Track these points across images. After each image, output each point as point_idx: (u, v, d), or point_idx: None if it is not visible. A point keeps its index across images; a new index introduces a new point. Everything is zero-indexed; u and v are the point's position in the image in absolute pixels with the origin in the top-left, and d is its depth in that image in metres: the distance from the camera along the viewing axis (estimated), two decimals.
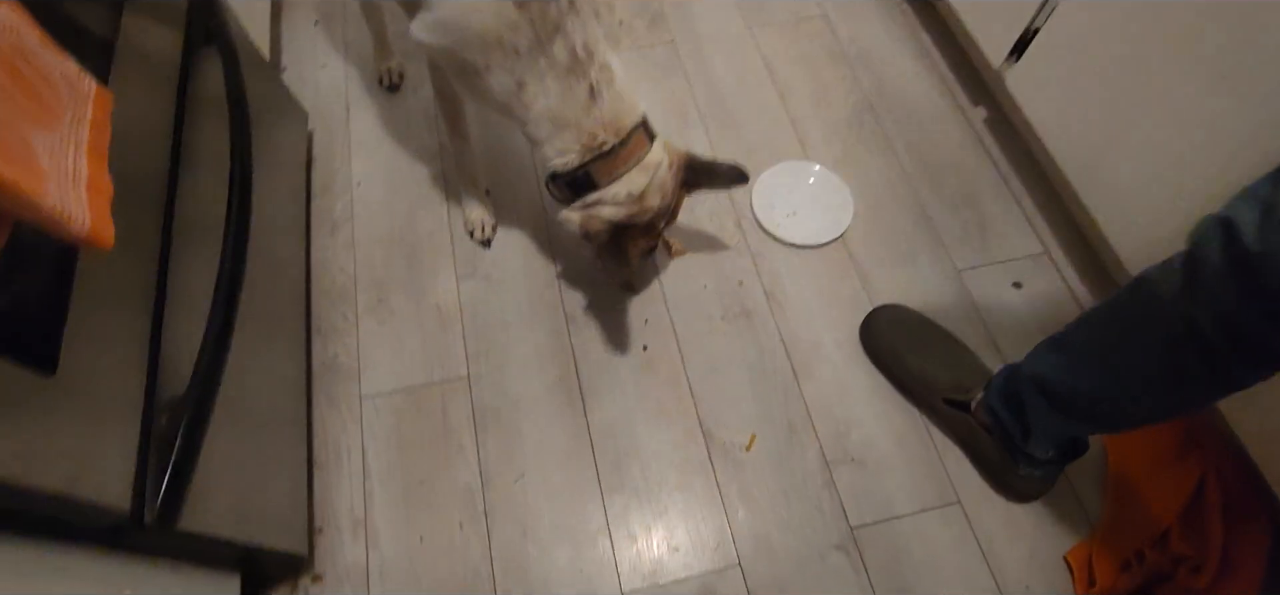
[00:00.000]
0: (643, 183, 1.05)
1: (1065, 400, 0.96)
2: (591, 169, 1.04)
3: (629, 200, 1.05)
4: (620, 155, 1.04)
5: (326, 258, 1.39)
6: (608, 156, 1.03)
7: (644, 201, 1.06)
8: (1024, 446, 1.06)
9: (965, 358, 1.22)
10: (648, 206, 1.07)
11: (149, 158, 0.90)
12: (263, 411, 1.05)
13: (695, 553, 1.13)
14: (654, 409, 1.24)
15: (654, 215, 1.09)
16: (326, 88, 1.63)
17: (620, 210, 1.05)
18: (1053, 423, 1.01)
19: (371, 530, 1.14)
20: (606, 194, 1.05)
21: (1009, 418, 1.06)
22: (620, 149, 1.04)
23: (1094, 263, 1.38)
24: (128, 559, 0.77)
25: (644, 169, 1.06)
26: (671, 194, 1.11)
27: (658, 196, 1.07)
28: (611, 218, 1.05)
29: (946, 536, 1.14)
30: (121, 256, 0.80)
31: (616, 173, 1.04)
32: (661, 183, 1.08)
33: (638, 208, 1.06)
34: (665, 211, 1.11)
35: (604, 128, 1.02)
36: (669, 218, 1.15)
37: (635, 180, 1.05)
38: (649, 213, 1.08)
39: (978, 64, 1.62)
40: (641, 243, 1.12)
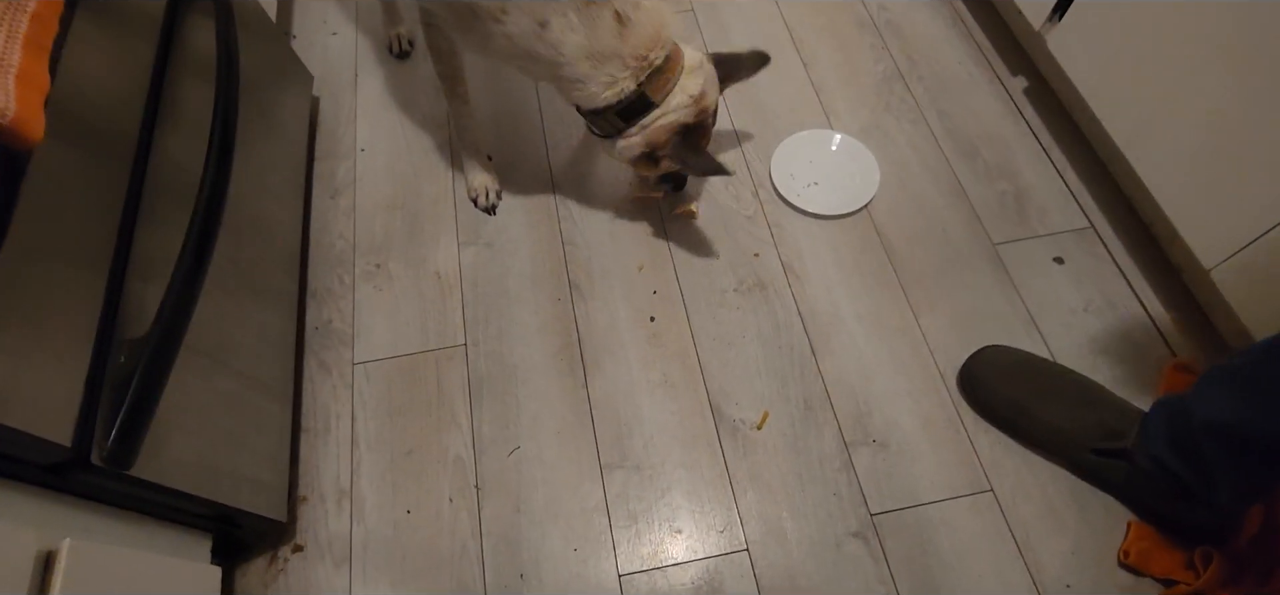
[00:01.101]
0: (699, 82, 1.07)
1: (1266, 448, 0.82)
2: (647, 89, 1.04)
3: (692, 102, 1.07)
4: (669, 69, 1.05)
5: (326, 222, 1.35)
6: (660, 72, 1.04)
7: (704, 100, 1.08)
8: (1209, 497, 0.91)
9: (1102, 396, 1.06)
10: (707, 103, 1.09)
11: (126, 98, 0.86)
12: (247, 370, 1.00)
13: (699, 536, 1.04)
14: (659, 382, 1.16)
15: (711, 110, 1.11)
16: (336, 54, 1.59)
17: (686, 112, 1.07)
18: (1245, 474, 0.87)
19: (357, 500, 1.08)
20: (668, 105, 1.06)
21: (1183, 468, 0.91)
22: (669, 62, 1.04)
23: (1144, 237, 1.27)
24: (74, 504, 0.71)
25: (692, 71, 1.07)
26: (716, 89, 1.12)
27: (713, 92, 1.10)
28: (678, 122, 1.07)
29: (977, 527, 1.04)
30: (86, 185, 0.76)
31: (670, 84, 1.05)
32: (711, 75, 1.10)
33: (699, 107, 1.08)
34: (715, 108, 1.14)
35: (649, 45, 1.02)
36: (714, 117, 1.16)
37: (690, 83, 1.06)
38: (709, 109, 1.10)
39: (1016, 29, 1.52)
40: (702, 142, 1.15)
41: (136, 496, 0.78)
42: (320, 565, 1.03)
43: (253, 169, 1.13)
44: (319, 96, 1.52)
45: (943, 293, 1.23)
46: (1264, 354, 0.81)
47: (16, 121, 0.54)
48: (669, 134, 1.08)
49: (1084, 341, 1.18)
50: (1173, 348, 1.17)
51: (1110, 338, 1.19)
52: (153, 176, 0.86)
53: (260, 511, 0.94)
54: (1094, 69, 1.23)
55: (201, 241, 0.83)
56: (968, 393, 1.13)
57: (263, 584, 1.01)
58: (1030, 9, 1.35)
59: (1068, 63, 1.28)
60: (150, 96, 0.90)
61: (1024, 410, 1.07)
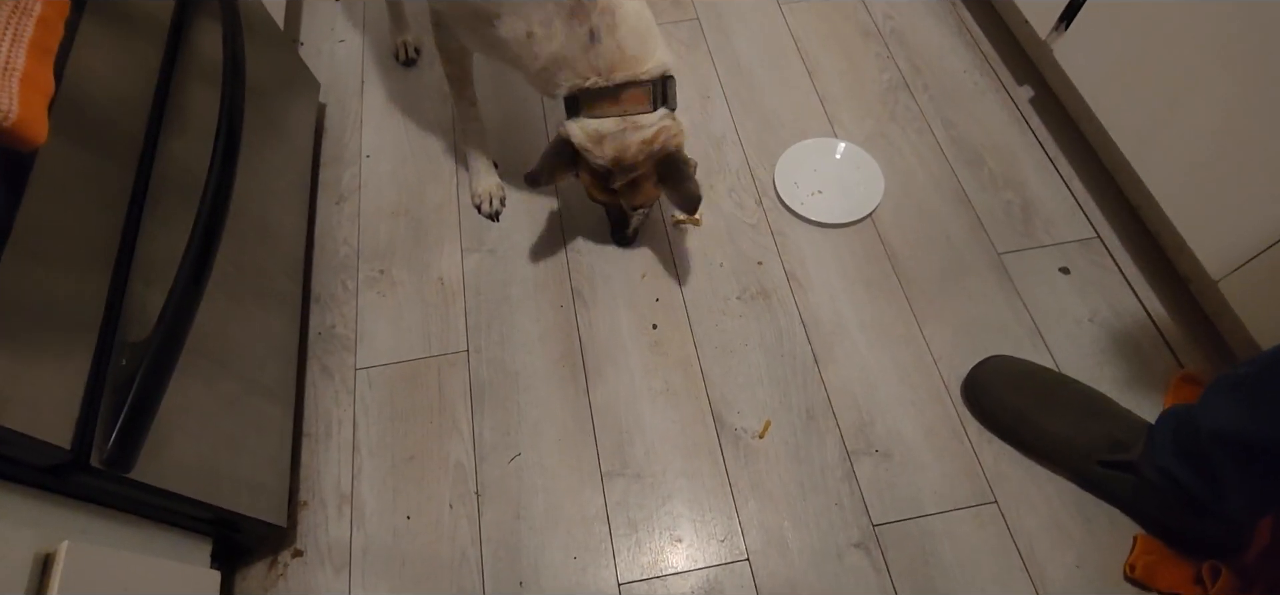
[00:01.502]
0: (607, 129, 1.04)
1: (1276, 458, 0.80)
2: (579, 97, 1.05)
3: (592, 136, 1.05)
4: (606, 100, 1.03)
5: (330, 227, 1.35)
6: (594, 94, 1.04)
7: (599, 146, 1.05)
8: (1218, 508, 0.90)
9: (1108, 407, 1.05)
10: (599, 153, 1.06)
11: (132, 101, 0.86)
12: (249, 375, 1.00)
13: (700, 545, 1.04)
14: (661, 389, 1.16)
15: (605, 167, 1.07)
16: (343, 61, 1.60)
17: (582, 137, 1.06)
18: (1255, 485, 0.85)
19: (357, 506, 1.07)
20: (586, 122, 1.05)
21: (1191, 479, 0.90)
22: (607, 94, 1.03)
23: (1151, 248, 1.26)
24: (73, 506, 0.71)
25: (620, 121, 1.04)
26: (632, 164, 1.06)
27: (612, 152, 1.05)
28: (573, 135, 1.06)
29: (980, 539, 1.03)
30: (91, 187, 0.76)
31: (597, 110, 1.04)
32: (622, 145, 1.05)
33: (592, 147, 1.06)
34: (619, 173, 1.08)
35: (595, 71, 1.02)
36: (626, 190, 1.11)
37: (606, 125, 1.04)
38: (599, 159, 1.06)
39: (1021, 38, 1.52)
40: (587, 178, 1.12)
41: (136, 499, 0.78)
42: (320, 570, 1.03)
43: (258, 174, 1.14)
44: (325, 103, 1.53)
45: (947, 302, 1.22)
46: (1272, 362, 0.80)
47: (19, 124, 0.55)
48: (565, 139, 1.07)
49: (1090, 352, 1.17)
50: (1180, 358, 1.16)
51: (1116, 348, 1.18)
52: (157, 179, 0.87)
53: (260, 516, 0.94)
54: (1100, 78, 1.23)
55: (205, 245, 0.83)
56: (972, 403, 1.12)
57: (262, 588, 1.01)
58: (1036, 18, 1.35)
59: (1074, 71, 1.27)
60: (156, 100, 0.91)
61: (1029, 421, 1.06)
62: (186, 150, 0.94)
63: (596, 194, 1.14)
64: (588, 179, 1.12)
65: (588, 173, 1.10)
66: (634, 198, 1.13)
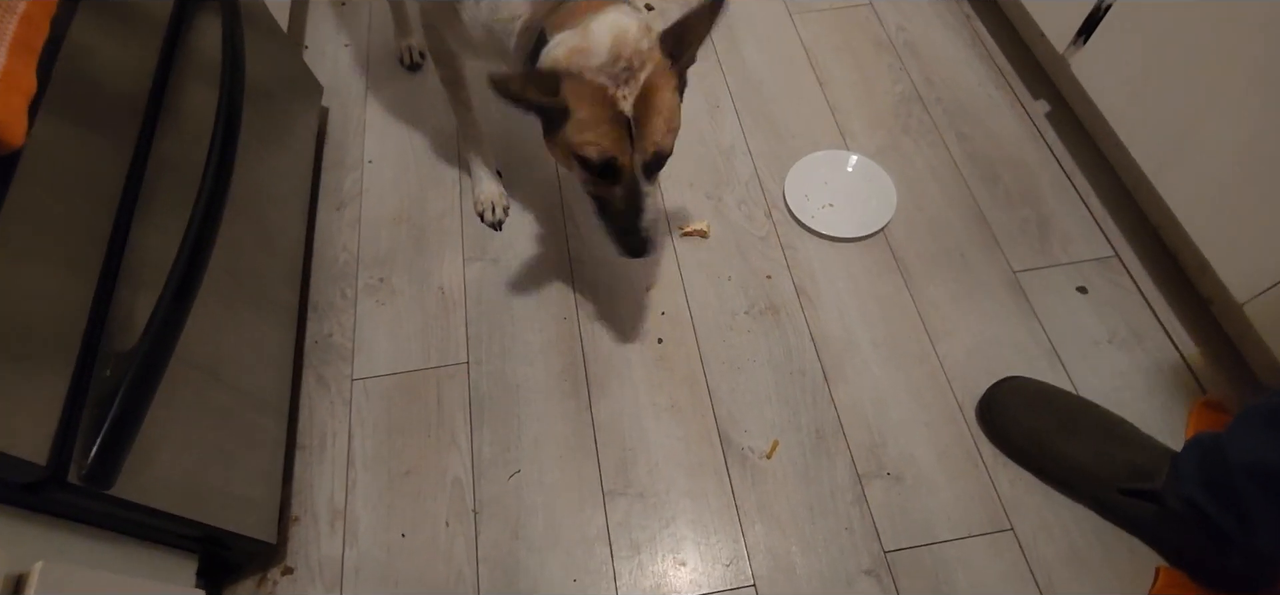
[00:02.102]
0: (601, 24, 0.86)
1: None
2: (545, 25, 0.90)
3: (567, 44, 0.87)
4: (580, 6, 0.89)
5: (330, 234, 1.32)
6: (563, 6, 0.89)
7: (587, 38, 0.86)
8: (1246, 543, 0.86)
9: (1130, 433, 1.01)
10: (591, 47, 0.85)
11: (126, 99, 0.84)
12: (241, 385, 0.97)
13: (704, 569, 1.00)
14: (666, 406, 1.12)
15: (603, 67, 0.85)
16: (347, 66, 1.58)
17: (561, 50, 0.87)
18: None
19: (350, 522, 1.04)
20: (554, 41, 0.88)
21: (1218, 511, 0.86)
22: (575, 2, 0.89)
23: (1171, 267, 1.22)
24: (49, 524, 0.68)
25: (606, 17, 0.87)
26: (636, 56, 0.86)
27: (608, 38, 0.86)
28: (548, 60, 0.87)
29: (996, 568, 0.99)
30: (78, 188, 0.73)
31: (570, 23, 0.88)
32: (619, 28, 0.86)
33: (579, 43, 0.86)
34: (625, 75, 0.86)
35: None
36: (641, 113, 0.87)
37: (585, 21, 0.87)
38: (593, 56, 0.85)
39: (1039, 53, 1.49)
40: (586, 115, 0.87)
41: (117, 516, 0.75)
42: (310, 589, 0.99)
43: (256, 178, 1.11)
44: (329, 107, 1.50)
45: (961, 320, 1.19)
46: None
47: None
48: (548, 65, 0.88)
49: (1108, 374, 1.14)
50: (1202, 383, 1.12)
51: (1135, 371, 1.14)
52: (150, 181, 0.84)
53: (249, 533, 0.91)
54: (1120, 93, 1.19)
55: (197, 250, 0.80)
56: (987, 425, 1.08)
57: None
58: (1054, 31, 1.31)
59: (1092, 87, 1.24)
60: (152, 99, 0.88)
61: (1047, 445, 1.02)
62: (182, 151, 0.91)
63: (606, 145, 0.88)
64: (587, 115, 0.86)
65: (583, 103, 0.86)
66: (653, 118, 0.88)
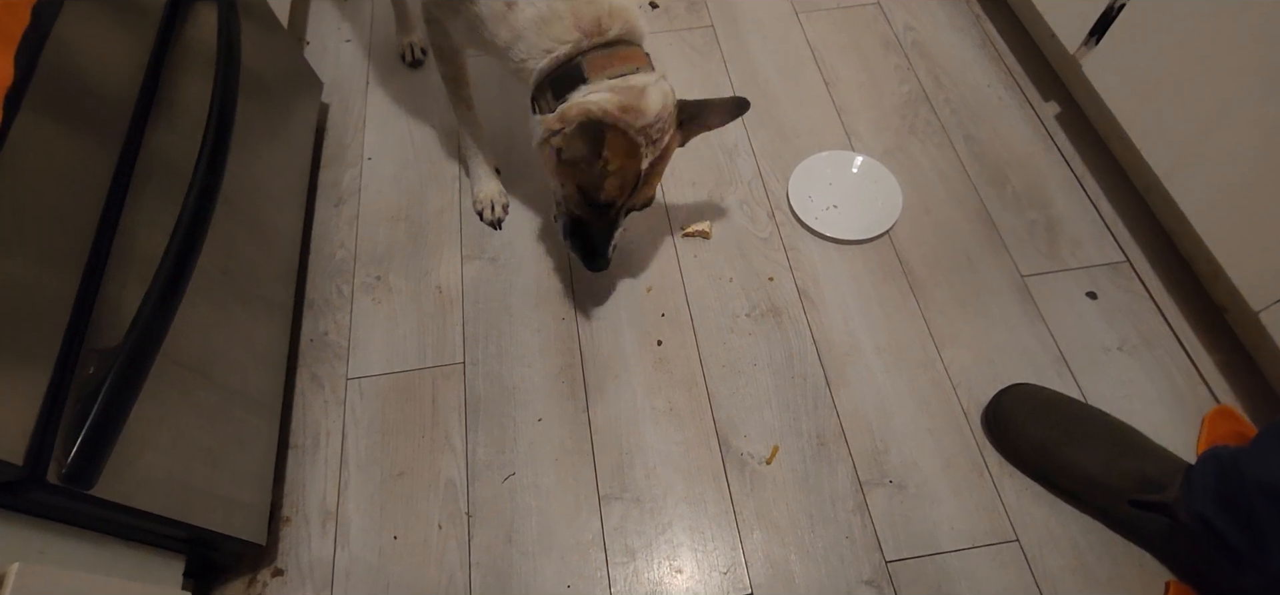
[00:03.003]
0: (645, 80, 0.90)
1: None
2: (585, 60, 0.91)
3: (626, 91, 0.89)
4: (620, 53, 0.92)
5: (327, 230, 1.31)
6: (606, 49, 0.91)
7: (643, 100, 0.89)
8: (1260, 564, 0.82)
9: (1141, 443, 0.98)
10: (645, 108, 0.89)
11: (117, 89, 0.82)
12: (231, 384, 0.95)
13: (701, 576, 0.98)
14: (664, 409, 1.10)
15: (645, 127, 0.90)
16: (348, 61, 1.56)
17: (614, 98, 0.88)
18: None
19: (342, 523, 1.02)
20: (599, 85, 0.90)
21: (1232, 529, 0.83)
22: (621, 47, 0.92)
23: (1184, 273, 1.20)
24: (28, 524, 0.67)
25: (646, 73, 0.92)
26: (669, 119, 0.93)
27: (658, 102, 0.90)
28: (603, 105, 0.87)
29: (1001, 580, 0.97)
30: (64, 178, 0.72)
31: (611, 69, 0.90)
32: (664, 93, 0.92)
33: (634, 103, 0.89)
34: (656, 137, 0.92)
35: (608, 15, 0.90)
36: (650, 170, 0.95)
37: (636, 79, 0.90)
38: (644, 117, 0.89)
39: (1049, 54, 1.46)
40: (614, 165, 0.91)
41: (99, 517, 0.73)
42: (300, 591, 0.98)
43: (252, 172, 1.10)
44: (329, 103, 1.49)
45: (967, 326, 1.16)
46: None
47: None
48: (582, 113, 0.87)
49: (1117, 382, 1.11)
50: (1215, 393, 1.09)
51: (1146, 380, 1.11)
52: (140, 173, 0.82)
53: (237, 534, 0.90)
54: (1132, 95, 1.17)
55: (186, 245, 0.79)
56: (994, 433, 1.06)
57: None
58: (1065, 32, 1.29)
59: (1104, 88, 1.21)
60: (144, 89, 0.86)
61: (1054, 455, 1.00)
62: (175, 145, 0.89)
63: (612, 192, 0.95)
64: (615, 166, 0.92)
65: (617, 156, 0.91)
66: (654, 179, 0.98)
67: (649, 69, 0.94)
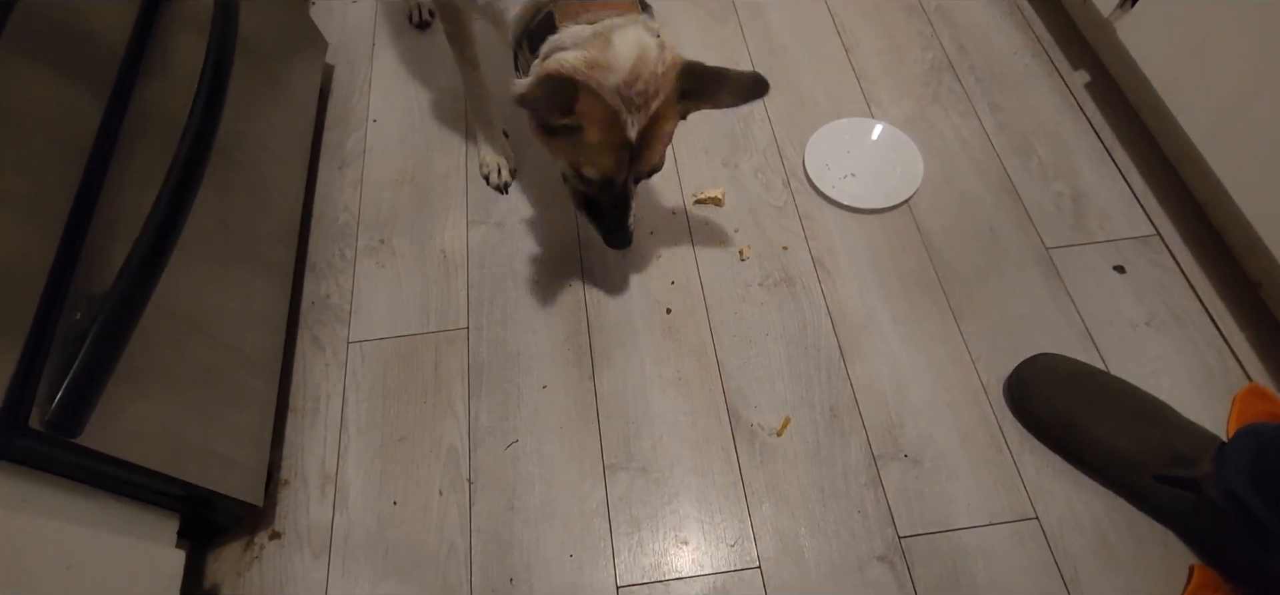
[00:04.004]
0: (612, 25, 0.79)
1: None
2: (556, 8, 0.81)
3: (592, 41, 0.79)
4: (598, 3, 0.81)
5: (330, 193, 1.28)
6: None
7: (608, 51, 0.79)
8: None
9: (1170, 417, 0.94)
10: (612, 63, 0.79)
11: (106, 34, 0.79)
12: (230, 341, 0.93)
13: (707, 548, 0.95)
14: (673, 379, 1.07)
15: (620, 87, 0.79)
16: (355, 23, 1.53)
17: (580, 56, 0.79)
18: None
19: (341, 487, 1.00)
20: (566, 35, 0.81)
21: (1265, 509, 0.79)
22: None
23: (1216, 247, 1.15)
24: (11, 471, 0.64)
25: (624, 25, 0.81)
26: (652, 81, 0.81)
27: (631, 55, 0.79)
28: (566, 64, 0.78)
29: (1019, 558, 0.93)
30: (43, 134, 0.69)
31: (584, 16, 0.81)
32: (640, 45, 0.80)
33: (599, 56, 0.79)
34: (638, 101, 0.81)
35: None
36: (644, 139, 0.84)
37: (602, 25, 0.80)
38: (613, 72, 0.79)
39: (1080, 20, 1.40)
40: (593, 135, 0.82)
41: (87, 468, 0.71)
42: (298, 555, 0.96)
43: (252, 130, 1.07)
44: (334, 64, 1.46)
45: (988, 298, 1.12)
46: None
47: None
48: (555, 69, 0.79)
49: (1145, 358, 1.06)
50: (1248, 370, 1.05)
51: (1175, 355, 1.07)
52: (133, 127, 0.80)
53: (233, 494, 0.88)
54: (1170, 60, 1.11)
55: (179, 191, 0.76)
56: (1016, 403, 1.02)
57: (236, 571, 0.94)
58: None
59: (1140, 53, 1.16)
60: (136, 39, 0.84)
61: (1079, 427, 0.95)
62: (172, 99, 0.86)
63: (603, 165, 0.86)
64: (594, 136, 0.82)
65: (592, 121, 0.81)
66: (654, 144, 0.86)
67: (633, 15, 0.82)
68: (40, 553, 0.63)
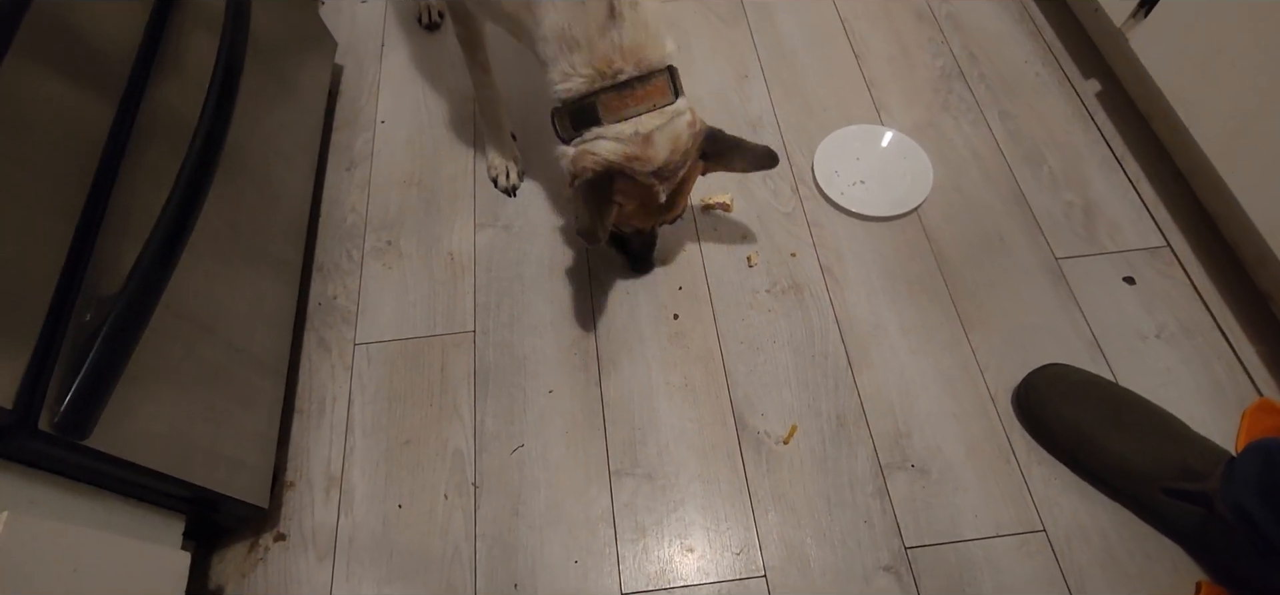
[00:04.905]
0: (653, 124, 0.88)
1: None
2: (599, 100, 0.87)
3: (632, 139, 0.88)
4: (636, 93, 0.87)
5: (338, 194, 1.28)
6: (619, 90, 0.87)
7: (649, 148, 0.88)
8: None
9: (1181, 431, 0.93)
10: (651, 156, 0.89)
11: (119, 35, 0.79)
12: (237, 342, 0.93)
13: (713, 556, 0.95)
14: (679, 385, 1.07)
15: (656, 172, 0.90)
16: (364, 23, 1.53)
17: (619, 148, 0.88)
18: None
19: (346, 490, 1.00)
20: (608, 130, 0.88)
21: (1273, 525, 0.78)
22: (637, 85, 0.87)
23: (1228, 260, 1.14)
24: (19, 473, 0.65)
25: (660, 113, 0.88)
26: (683, 157, 0.91)
27: (667, 148, 0.89)
28: (607, 156, 0.88)
29: (1025, 570, 0.93)
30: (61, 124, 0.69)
31: (626, 111, 0.87)
32: (675, 135, 0.89)
33: (639, 152, 0.88)
34: (670, 175, 0.91)
35: (621, 55, 0.86)
36: (672, 198, 0.94)
37: (646, 121, 0.88)
38: (651, 164, 0.89)
39: (1091, 29, 1.39)
40: (630, 207, 0.94)
41: (95, 470, 0.71)
42: (303, 556, 0.96)
43: (261, 131, 1.07)
44: (343, 64, 1.46)
45: (997, 308, 1.12)
46: None
47: None
48: (594, 164, 0.89)
49: (1154, 371, 1.06)
50: (1258, 385, 1.04)
51: (1185, 369, 1.06)
52: (145, 127, 0.80)
53: (238, 496, 0.88)
54: (1183, 70, 1.10)
55: (190, 192, 0.76)
56: (1024, 413, 1.01)
57: (240, 572, 0.94)
58: (1112, 4, 1.22)
59: (1152, 63, 1.15)
60: (148, 40, 0.84)
61: (1088, 437, 0.95)
62: (182, 99, 0.86)
63: (637, 223, 0.99)
64: (631, 208, 0.94)
65: (630, 199, 0.92)
66: (680, 198, 0.97)
67: (668, 103, 0.89)
68: (47, 555, 0.63)
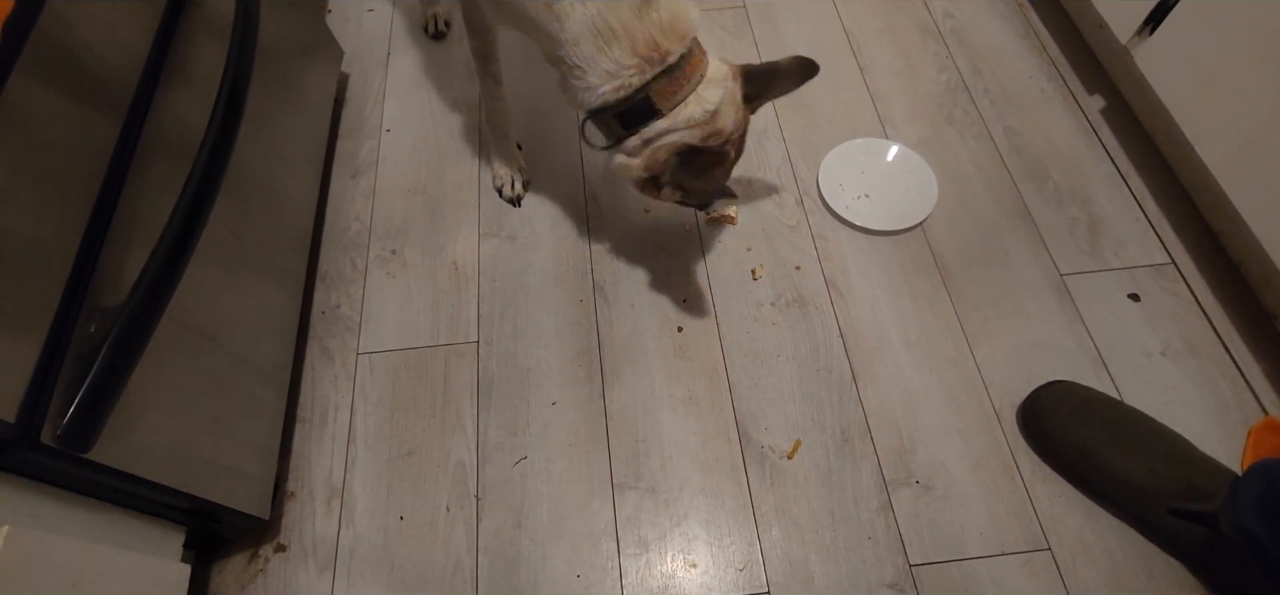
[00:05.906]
0: (716, 97, 0.86)
1: None
2: (652, 91, 0.84)
3: (703, 119, 0.86)
4: (685, 71, 0.85)
5: (343, 202, 1.28)
6: (670, 74, 0.84)
7: (718, 121, 0.87)
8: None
9: (1186, 450, 0.93)
10: (721, 128, 0.88)
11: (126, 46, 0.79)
12: (240, 351, 0.93)
13: (716, 572, 0.94)
14: (683, 398, 1.06)
15: (726, 138, 0.89)
16: (370, 31, 1.53)
17: (694, 132, 0.86)
18: None
19: (348, 501, 1.00)
20: (676, 119, 0.86)
21: (1276, 545, 0.77)
22: (685, 63, 0.85)
23: (1233, 278, 1.14)
24: (20, 485, 0.64)
25: (712, 82, 0.87)
26: (743, 118, 0.91)
27: (732, 116, 0.88)
28: (684, 142, 0.86)
29: (1030, 589, 0.92)
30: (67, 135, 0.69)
31: (680, 93, 0.85)
32: (732, 100, 0.88)
33: (712, 129, 0.87)
34: (737, 135, 0.92)
35: (664, 34, 0.82)
36: (739, 146, 0.95)
37: (706, 95, 0.86)
38: (722, 135, 0.88)
39: (1096, 45, 1.40)
40: (717, 173, 0.92)
41: (96, 482, 0.71)
42: (303, 568, 0.95)
43: (267, 139, 1.07)
44: (349, 73, 1.46)
45: (1002, 323, 1.11)
46: None
47: None
48: (670, 154, 0.87)
49: (1159, 388, 1.06)
50: (1263, 404, 1.04)
51: (1189, 386, 1.06)
52: (150, 135, 0.80)
53: (240, 507, 0.87)
54: (1189, 88, 1.10)
55: (195, 206, 0.76)
56: (1029, 430, 1.01)
57: (239, 584, 0.94)
58: (1117, 21, 1.22)
59: (1157, 81, 1.15)
60: (155, 48, 0.84)
61: (1093, 456, 0.94)
62: (188, 108, 0.86)
63: (719, 177, 0.95)
64: (703, 166, 0.91)
65: (706, 165, 0.91)
66: (741, 150, 0.97)
67: (709, 74, 0.88)
68: (48, 569, 0.62)
